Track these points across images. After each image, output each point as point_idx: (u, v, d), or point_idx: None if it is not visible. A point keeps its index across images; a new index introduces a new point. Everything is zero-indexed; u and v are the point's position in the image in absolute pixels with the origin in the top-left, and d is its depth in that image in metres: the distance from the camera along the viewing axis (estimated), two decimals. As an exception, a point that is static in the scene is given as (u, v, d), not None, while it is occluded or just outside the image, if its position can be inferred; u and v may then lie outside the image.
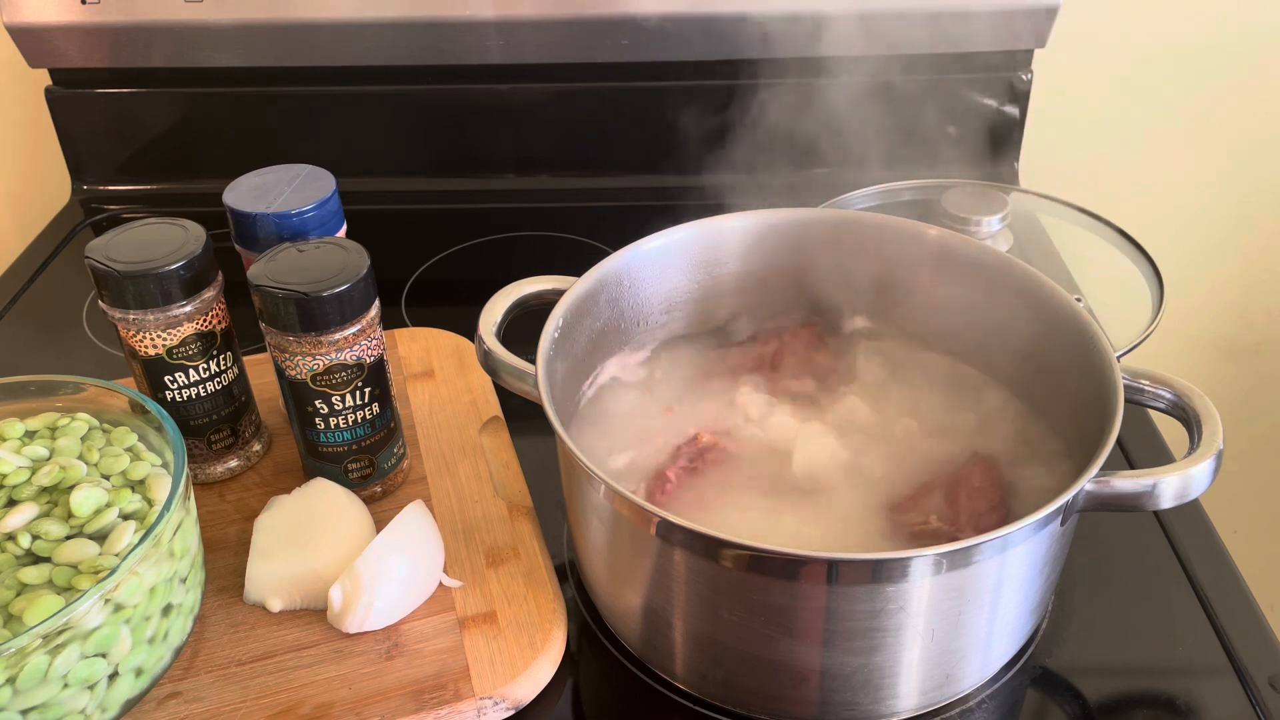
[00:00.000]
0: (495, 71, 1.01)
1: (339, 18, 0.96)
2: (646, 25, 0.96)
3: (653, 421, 0.66)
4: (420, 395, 0.76)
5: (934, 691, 0.55)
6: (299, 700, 0.55)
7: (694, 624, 0.54)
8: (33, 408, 0.60)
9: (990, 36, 0.98)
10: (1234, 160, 1.12)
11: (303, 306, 0.59)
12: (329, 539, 0.61)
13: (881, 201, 0.92)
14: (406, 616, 0.59)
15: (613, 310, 0.67)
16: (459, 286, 0.95)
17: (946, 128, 1.03)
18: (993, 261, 0.65)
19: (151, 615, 0.52)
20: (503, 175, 1.09)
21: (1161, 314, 0.75)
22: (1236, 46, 1.06)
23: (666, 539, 0.51)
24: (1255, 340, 1.22)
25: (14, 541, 0.52)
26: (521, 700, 0.56)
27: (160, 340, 0.62)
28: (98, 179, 1.08)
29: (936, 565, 0.48)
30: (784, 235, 0.70)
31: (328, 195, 0.66)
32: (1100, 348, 0.57)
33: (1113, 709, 0.57)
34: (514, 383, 0.60)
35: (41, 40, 0.98)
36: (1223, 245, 1.17)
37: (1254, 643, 0.60)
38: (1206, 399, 0.54)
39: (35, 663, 0.47)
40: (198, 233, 0.63)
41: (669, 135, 1.04)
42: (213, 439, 0.67)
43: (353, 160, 1.03)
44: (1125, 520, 0.67)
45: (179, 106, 1.04)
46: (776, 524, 0.59)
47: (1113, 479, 0.51)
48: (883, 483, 0.62)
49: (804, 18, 0.95)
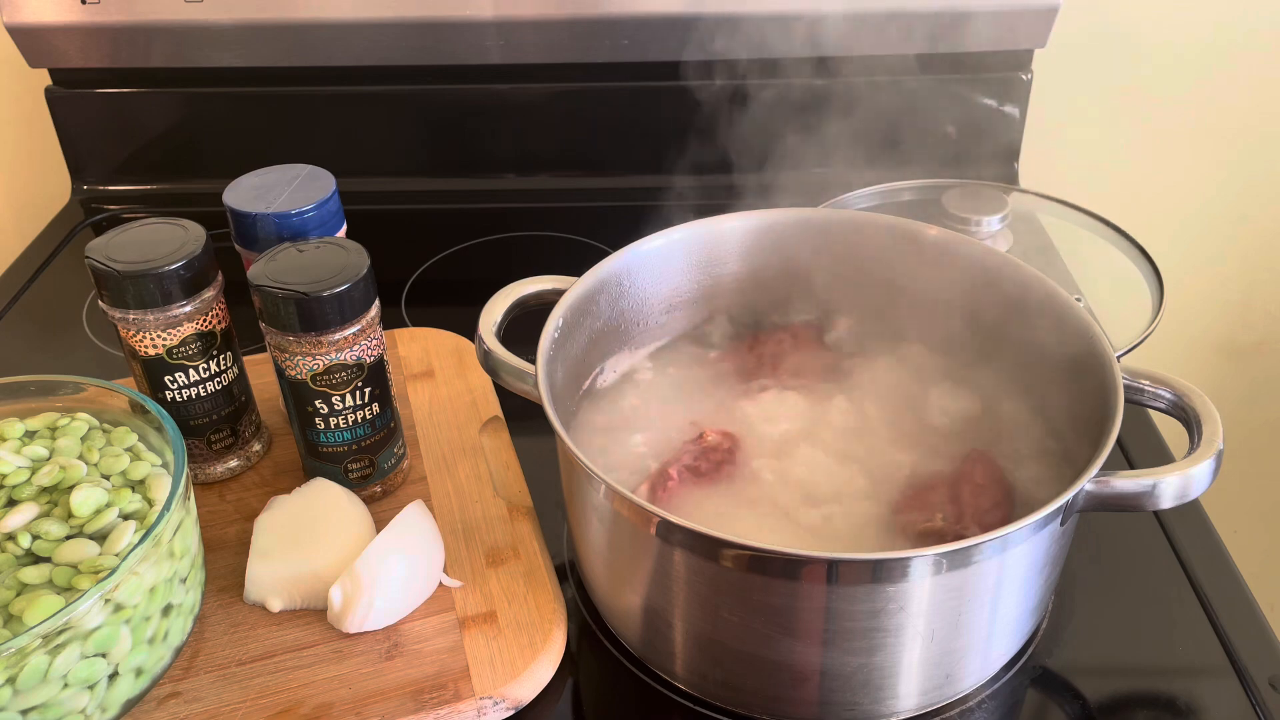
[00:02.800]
0: (495, 71, 1.01)
1: (339, 18, 0.96)
2: (647, 25, 0.96)
3: (653, 421, 0.66)
4: (420, 395, 0.76)
5: (934, 691, 0.55)
6: (299, 700, 0.55)
7: (694, 624, 0.54)
8: (33, 408, 0.60)
9: (990, 36, 0.98)
10: (1234, 160, 1.12)
11: (303, 306, 0.59)
12: (329, 539, 0.61)
13: (881, 201, 0.92)
14: (406, 616, 0.59)
15: (613, 310, 0.67)
16: (459, 286, 0.95)
17: (946, 128, 1.03)
18: (993, 261, 0.65)
19: (151, 615, 0.52)
20: (503, 175, 1.08)
21: (1161, 314, 0.75)
22: (1236, 46, 1.06)
23: (666, 539, 0.51)
24: (1255, 340, 1.22)
25: (14, 541, 0.52)
26: (521, 700, 0.56)
27: (160, 340, 0.62)
28: (98, 179, 1.08)
29: (936, 565, 0.48)
30: (784, 235, 0.70)
31: (328, 195, 0.66)
32: (1100, 348, 0.57)
33: (1113, 709, 0.57)
34: (514, 383, 0.60)
35: (41, 40, 0.98)
36: (1222, 245, 1.17)
37: (1254, 643, 0.60)
38: (1206, 399, 0.54)
39: (35, 663, 0.47)
40: (198, 233, 0.63)
41: (669, 135, 1.04)
42: (213, 439, 0.67)
43: (353, 160, 1.03)
44: (1125, 520, 0.67)
45: (179, 106, 1.04)
46: (777, 524, 0.59)
47: (1113, 479, 0.51)
48: (884, 482, 0.62)
49: (804, 18, 0.95)
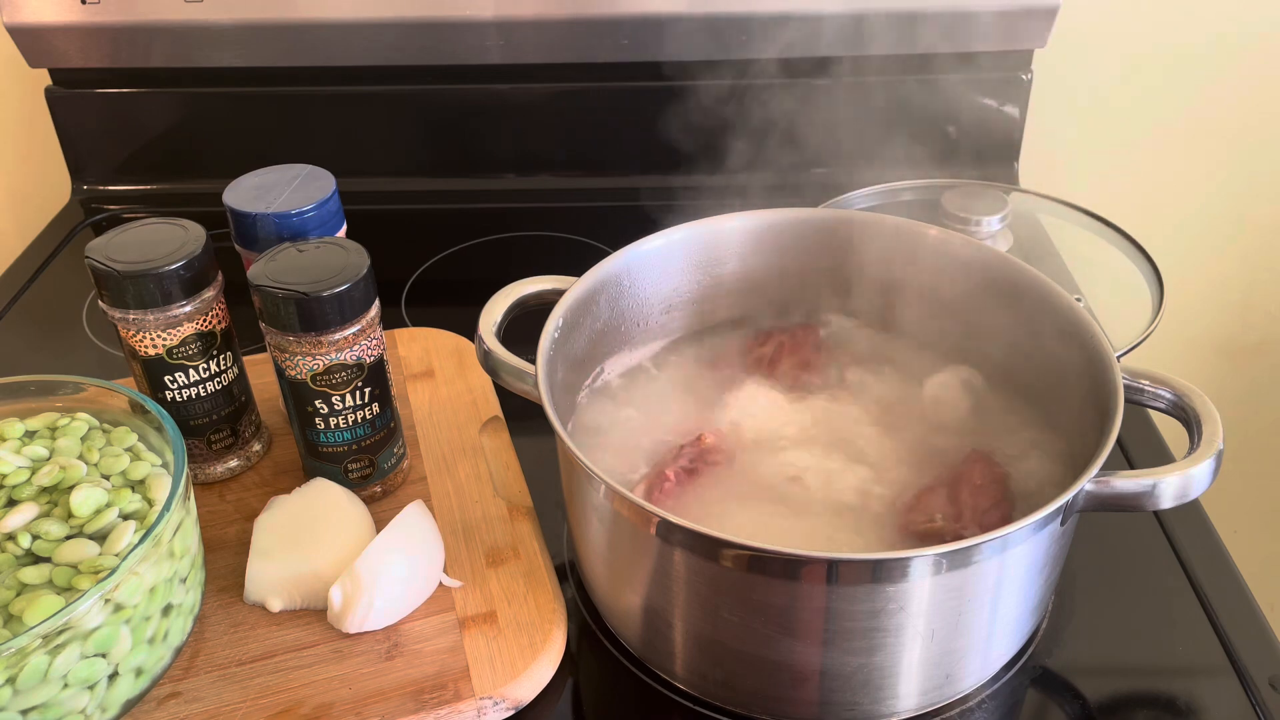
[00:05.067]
0: (495, 71, 1.01)
1: (339, 18, 0.96)
2: (647, 25, 0.96)
3: (653, 421, 0.66)
4: (420, 395, 0.76)
5: (934, 691, 0.55)
6: (299, 700, 0.55)
7: (694, 624, 0.54)
8: (33, 408, 0.60)
9: (990, 36, 0.98)
10: (1234, 160, 1.12)
11: (303, 306, 0.59)
12: (329, 539, 0.61)
13: (881, 201, 0.92)
14: (406, 616, 0.59)
15: (613, 310, 0.67)
16: (459, 286, 0.95)
17: (946, 127, 1.03)
18: (993, 261, 0.65)
19: (151, 615, 0.52)
20: (503, 175, 1.08)
21: (1161, 314, 0.75)
22: (1236, 46, 1.06)
23: (666, 539, 0.51)
24: (1255, 340, 1.22)
25: (14, 541, 0.52)
26: (521, 700, 0.56)
27: (160, 340, 0.62)
28: (98, 179, 1.08)
29: (936, 565, 0.48)
30: (784, 235, 0.70)
31: (328, 195, 0.66)
32: (1100, 348, 0.57)
33: (1113, 709, 0.57)
34: (514, 383, 0.60)
35: (41, 40, 0.98)
36: (1222, 245, 1.17)
37: (1254, 643, 0.60)
38: (1206, 399, 0.54)
39: (35, 663, 0.47)
40: (198, 233, 0.63)
41: (669, 135, 1.04)
42: (213, 439, 0.67)
43: (353, 160, 1.03)
44: (1125, 520, 0.67)
45: (179, 106, 1.04)
46: (776, 524, 0.59)
47: (1113, 479, 0.51)
48: (884, 482, 0.62)
49: (804, 18, 0.95)
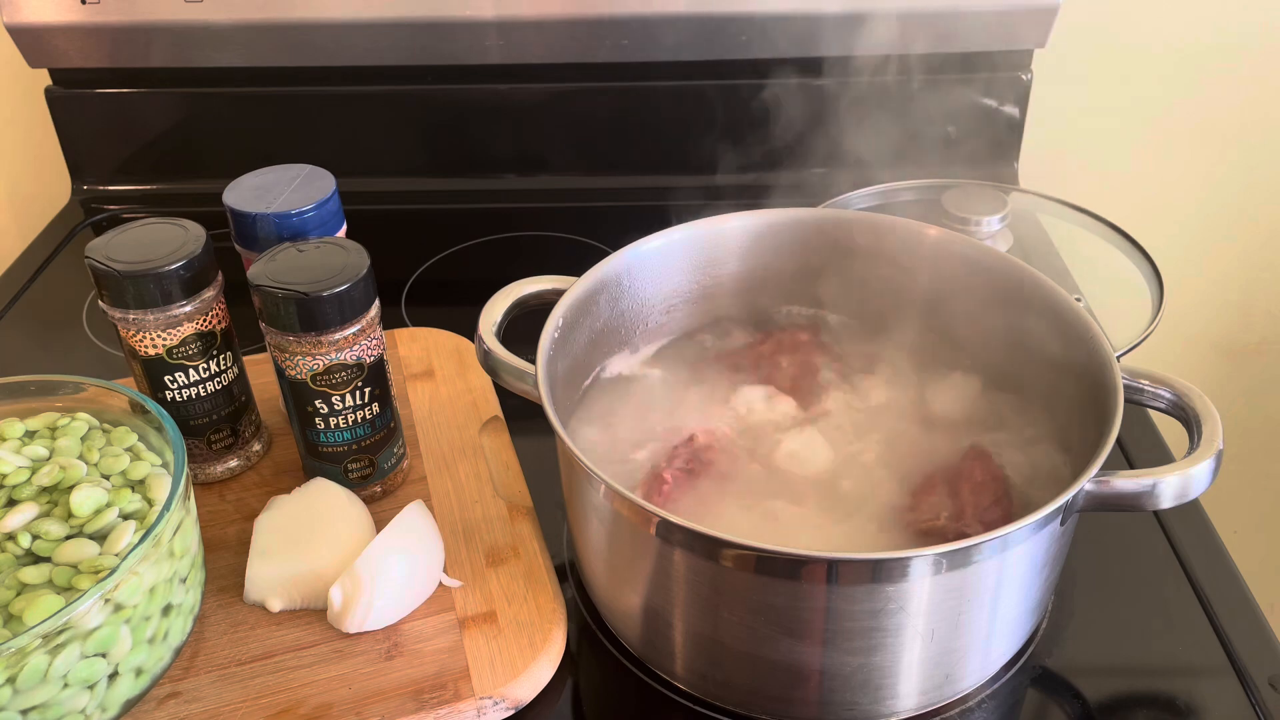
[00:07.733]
0: (495, 71, 1.01)
1: (339, 18, 0.96)
2: (647, 25, 0.96)
3: (652, 421, 0.66)
4: (420, 395, 0.76)
5: (934, 691, 0.55)
6: (299, 700, 0.55)
7: (694, 624, 0.54)
8: (33, 408, 0.60)
9: (990, 36, 0.98)
10: (1233, 160, 1.12)
11: (303, 306, 0.59)
12: (329, 539, 0.61)
13: (881, 201, 0.92)
14: (406, 616, 0.59)
15: (613, 310, 0.67)
16: (459, 286, 0.95)
17: (946, 128, 1.03)
18: (993, 261, 0.65)
19: (151, 615, 0.52)
20: (503, 175, 1.08)
21: (1161, 314, 0.75)
22: (1236, 46, 1.06)
23: (666, 539, 0.51)
24: (1255, 340, 1.22)
25: (14, 541, 0.52)
26: (521, 700, 0.56)
27: (160, 340, 0.62)
28: (98, 179, 1.08)
29: (936, 565, 0.48)
30: (784, 235, 0.70)
31: (328, 195, 0.66)
32: (1100, 348, 0.57)
33: (1113, 709, 0.57)
34: (514, 383, 0.60)
35: (41, 40, 0.98)
36: (1222, 245, 1.17)
37: (1254, 643, 0.60)
38: (1206, 399, 0.54)
39: (35, 663, 0.47)
40: (198, 233, 0.63)
41: (669, 135, 1.04)
42: (213, 439, 0.67)
43: (353, 160, 1.03)
44: (1125, 520, 0.67)
45: (179, 106, 1.04)
46: (776, 524, 0.59)
47: (1113, 479, 0.51)
48: (884, 482, 0.62)
49: (803, 18, 0.95)
